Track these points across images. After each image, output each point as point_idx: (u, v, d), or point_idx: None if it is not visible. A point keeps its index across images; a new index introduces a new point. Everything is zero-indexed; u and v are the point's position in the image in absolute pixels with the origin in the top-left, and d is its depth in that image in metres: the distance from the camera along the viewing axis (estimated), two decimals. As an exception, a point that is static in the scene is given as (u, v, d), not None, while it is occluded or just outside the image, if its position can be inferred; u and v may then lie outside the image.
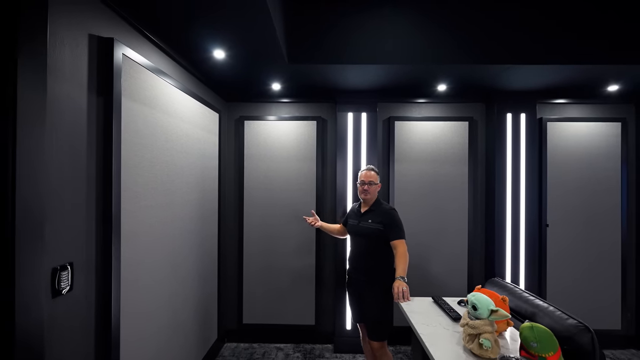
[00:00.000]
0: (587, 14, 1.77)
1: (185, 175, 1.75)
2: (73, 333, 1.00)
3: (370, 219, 1.74)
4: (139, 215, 1.30)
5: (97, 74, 1.09)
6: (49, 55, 0.89)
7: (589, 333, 1.04)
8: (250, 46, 1.56)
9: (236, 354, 2.31)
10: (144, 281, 1.35)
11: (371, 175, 1.80)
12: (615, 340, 2.38)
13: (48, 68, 0.89)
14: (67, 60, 0.96)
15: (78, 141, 1.01)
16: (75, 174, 1.00)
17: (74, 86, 0.99)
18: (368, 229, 1.73)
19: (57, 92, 0.93)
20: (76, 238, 1.00)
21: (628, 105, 2.43)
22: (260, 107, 2.51)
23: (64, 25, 0.95)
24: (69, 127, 0.98)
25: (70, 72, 0.98)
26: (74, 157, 1.00)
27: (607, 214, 2.39)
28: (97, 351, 1.09)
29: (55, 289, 0.92)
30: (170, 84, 1.55)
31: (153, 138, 1.41)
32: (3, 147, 0.78)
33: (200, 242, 1.96)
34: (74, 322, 1.00)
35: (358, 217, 1.82)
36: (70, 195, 0.98)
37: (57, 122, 0.93)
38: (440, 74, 1.99)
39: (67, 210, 0.97)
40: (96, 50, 1.08)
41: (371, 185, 1.78)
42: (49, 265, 0.90)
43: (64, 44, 0.95)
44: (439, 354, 0.93)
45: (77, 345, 1.01)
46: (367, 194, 1.78)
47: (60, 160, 0.94)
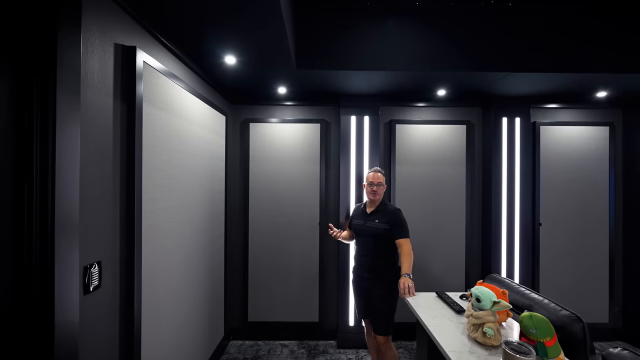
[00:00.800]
0: (579, 25, 1.88)
1: (197, 177, 1.80)
2: (100, 328, 1.05)
3: (377, 219, 1.80)
4: (157, 216, 1.35)
5: (121, 81, 1.14)
6: (81, 64, 0.94)
7: (581, 323, 1.13)
8: (262, 52, 1.62)
9: (242, 351, 2.36)
10: (161, 279, 1.40)
11: (379, 177, 1.85)
12: (603, 333, 2.51)
13: (81, 77, 0.94)
14: (96, 68, 1.01)
15: (105, 145, 1.06)
16: (103, 176, 1.05)
17: (102, 93, 1.05)
18: (375, 229, 1.79)
19: (89, 99, 0.98)
20: (104, 237, 1.06)
21: (616, 110, 2.57)
22: (264, 110, 2.56)
23: (94, 36, 1.00)
24: (98, 132, 1.03)
25: (98, 80, 1.03)
26: (102, 161, 1.05)
27: (596, 213, 2.52)
28: (120, 345, 1.14)
29: (86, 286, 0.97)
30: (182, 88, 1.60)
31: (169, 141, 1.46)
32: (44, 151, 0.83)
33: (210, 242, 2.01)
34: (102, 317, 1.05)
35: (364, 217, 1.87)
36: (99, 196, 1.03)
37: (88, 128, 0.98)
38: (440, 79, 2.08)
39: (96, 210, 1.02)
40: (120, 58, 1.14)
41: (379, 186, 1.83)
42: (81, 263, 0.95)
43: (94, 53, 1.00)
44: (446, 342, 1.01)
45: (103, 339, 1.06)
46: (376, 195, 1.83)
47: (90, 164, 0.99)
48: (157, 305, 1.36)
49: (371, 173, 1.88)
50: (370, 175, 1.87)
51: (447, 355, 0.95)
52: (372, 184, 1.84)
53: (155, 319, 1.34)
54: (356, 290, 1.90)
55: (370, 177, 1.86)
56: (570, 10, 1.87)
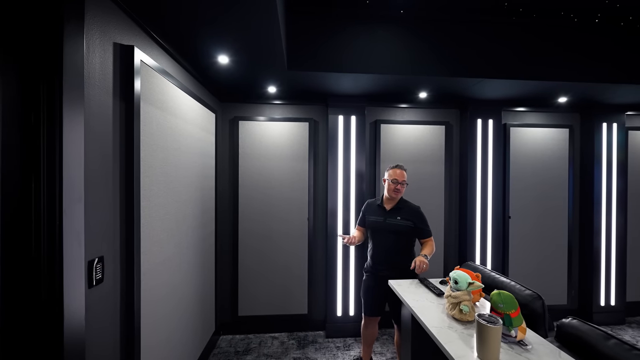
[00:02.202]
0: (545, 37, 2.08)
1: (190, 174, 1.82)
2: (103, 320, 1.08)
3: (399, 215, 1.78)
4: (154, 212, 1.38)
5: (120, 80, 1.16)
6: (84, 63, 0.96)
7: (540, 300, 1.31)
8: (256, 53, 1.67)
9: (233, 344, 2.42)
10: (158, 274, 1.43)
11: (404, 174, 1.80)
12: (561, 314, 2.81)
13: (84, 75, 0.96)
14: (97, 67, 1.03)
15: (107, 143, 1.09)
16: (105, 173, 1.08)
17: (103, 92, 1.07)
18: (398, 226, 1.76)
19: (91, 98, 1.00)
20: (106, 233, 1.08)
21: (575, 114, 2.86)
22: (254, 108, 2.60)
23: (95, 35, 1.02)
24: (100, 130, 1.05)
25: (99, 79, 1.05)
26: (104, 158, 1.07)
27: (557, 206, 2.80)
28: (122, 337, 1.18)
29: (90, 280, 1.00)
30: (176, 86, 1.62)
31: (164, 139, 1.48)
32: (52, 149, 0.86)
33: (202, 238, 2.04)
34: (105, 310, 1.08)
35: (383, 214, 1.83)
36: (101, 192, 1.06)
37: (90, 126, 1.00)
38: (421, 83, 2.22)
39: (99, 206, 1.04)
40: (119, 57, 1.15)
41: (403, 185, 1.79)
42: (86, 258, 0.98)
43: (95, 52, 1.02)
44: (428, 320, 1.14)
45: (106, 331, 1.09)
46: (399, 193, 1.79)
47: (93, 161, 1.01)
48: (154, 299, 1.39)
49: (397, 170, 1.80)
50: (397, 172, 1.80)
51: (429, 330, 1.08)
52: (396, 181, 1.78)
53: (152, 312, 1.37)
54: (373, 289, 1.86)
55: (396, 174, 1.79)
56: (536, 24, 2.07)
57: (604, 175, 2.74)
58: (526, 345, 0.99)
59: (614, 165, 2.75)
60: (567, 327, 1.14)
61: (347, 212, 2.51)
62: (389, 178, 1.83)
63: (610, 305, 2.75)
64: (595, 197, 2.73)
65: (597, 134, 2.74)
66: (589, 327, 1.07)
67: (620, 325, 2.75)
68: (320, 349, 2.34)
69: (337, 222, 2.51)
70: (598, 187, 2.73)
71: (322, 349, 2.35)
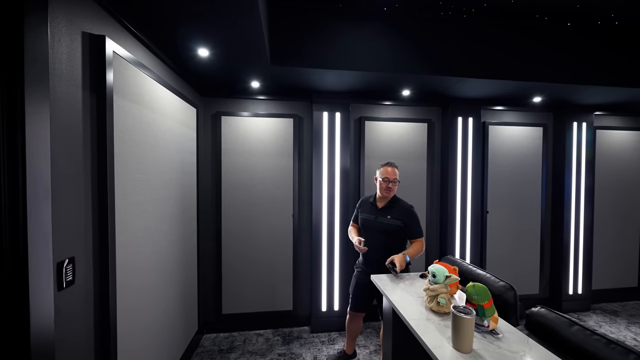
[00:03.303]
0: (520, 39, 2.16)
1: (169, 171, 1.77)
2: (75, 323, 1.03)
3: (389, 214, 1.76)
4: (130, 211, 1.33)
5: (90, 71, 1.10)
6: (49, 54, 0.91)
7: (512, 291, 1.38)
8: (237, 47, 1.63)
9: (217, 343, 2.39)
10: (135, 274, 1.39)
11: (396, 172, 1.76)
12: (534, 303, 2.96)
13: (49, 67, 0.90)
14: (64, 58, 0.98)
15: (76, 138, 1.03)
16: (74, 169, 1.02)
17: (71, 84, 1.01)
18: (388, 225, 1.74)
19: (57, 90, 0.95)
20: (77, 232, 1.03)
21: (548, 114, 3.00)
22: (236, 103, 2.55)
23: (61, 23, 0.96)
24: (68, 124, 1.00)
25: (67, 70, 0.99)
26: (73, 154, 1.02)
27: (531, 201, 2.94)
28: (96, 341, 1.14)
29: (61, 282, 0.96)
30: (153, 79, 1.56)
31: (141, 134, 1.43)
32: (13, 145, 0.81)
33: (183, 237, 2.00)
34: (76, 313, 1.04)
35: (374, 212, 1.81)
36: (71, 190, 1.01)
37: (57, 120, 0.95)
38: (405, 81, 2.25)
39: (69, 206, 0.99)
40: (89, 48, 1.09)
41: (395, 183, 1.75)
42: (54, 260, 0.93)
43: (61, 42, 0.96)
44: (407, 313, 1.18)
45: (79, 335, 1.05)
46: (390, 192, 1.76)
47: (60, 158, 0.96)
48: (131, 301, 1.35)
49: (388, 167, 1.76)
50: (388, 170, 1.76)
51: (408, 323, 1.12)
52: (387, 179, 1.74)
53: (130, 314, 1.33)
54: (360, 285, 1.86)
55: (388, 172, 1.75)
56: (513, 26, 2.14)
57: (573, 172, 2.90)
58: (498, 334, 1.04)
59: (583, 163, 2.91)
60: (536, 316, 1.21)
61: (331, 208, 2.53)
62: (380, 176, 1.79)
63: (577, 294, 2.94)
64: (565, 192, 2.89)
65: (568, 133, 2.89)
66: (555, 315, 1.14)
67: (586, 312, 2.95)
68: (305, 344, 2.36)
69: (322, 219, 2.52)
70: (568, 183, 2.89)
71: (307, 344, 2.37)
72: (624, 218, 3.15)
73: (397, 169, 1.81)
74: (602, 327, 2.66)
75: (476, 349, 0.95)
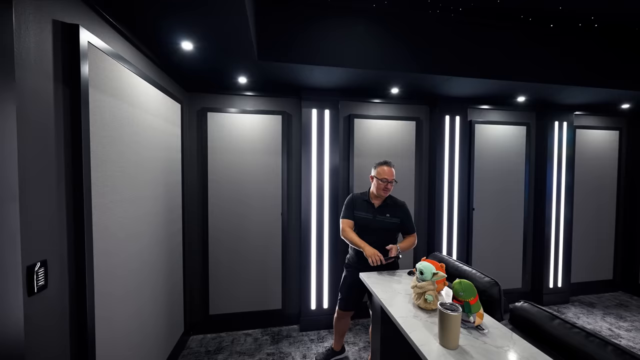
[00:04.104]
0: (506, 40, 2.20)
1: (151, 168, 1.70)
2: (49, 330, 0.98)
3: (388, 213, 1.78)
4: (109, 210, 1.27)
5: (62, 63, 1.03)
6: (14, 43, 0.84)
7: (497, 286, 1.41)
8: (223, 41, 1.58)
9: (204, 344, 2.34)
10: (116, 276, 1.33)
11: (393, 172, 1.76)
12: (517, 297, 3.07)
13: (14, 57, 0.84)
14: (32, 48, 0.91)
15: (47, 134, 0.97)
16: (45, 168, 0.96)
17: (40, 75, 0.94)
18: (387, 224, 1.76)
19: (24, 83, 0.88)
20: (50, 234, 0.98)
21: (531, 113, 3.08)
22: (223, 99, 2.49)
23: (28, 9, 0.89)
24: (38, 120, 0.93)
25: (36, 61, 0.92)
26: (44, 151, 0.96)
27: (514, 198, 3.02)
28: (72, 348, 1.08)
29: (31, 287, 0.90)
30: (134, 73, 1.49)
31: (120, 130, 1.36)
32: (-27, 141, 0.74)
33: (167, 236, 1.93)
34: (50, 319, 0.98)
35: (372, 211, 1.80)
36: (42, 190, 0.95)
37: (25, 115, 0.88)
38: (393, 78, 2.25)
39: (40, 206, 0.93)
40: (60, 38, 1.03)
41: (392, 183, 1.75)
42: (23, 263, 0.87)
43: (28, 30, 0.90)
44: (395, 310, 1.18)
45: (53, 342, 1.00)
46: (388, 192, 1.77)
47: (29, 155, 0.90)
48: (112, 303, 1.29)
49: (385, 167, 1.75)
50: (386, 170, 1.75)
51: (395, 320, 1.12)
52: (386, 180, 1.73)
53: (109, 318, 1.28)
54: (352, 285, 1.84)
55: (386, 172, 1.74)
56: (498, 26, 2.18)
57: (554, 170, 3.00)
58: (483, 329, 1.05)
59: (564, 161, 3.01)
60: (519, 310, 1.23)
61: (320, 206, 2.51)
62: (377, 176, 1.77)
63: (557, 287, 3.05)
64: (547, 190, 2.98)
65: (550, 132, 2.98)
66: (538, 309, 1.17)
67: (565, 304, 3.07)
68: (294, 343, 2.35)
69: (311, 217, 2.50)
70: (550, 180, 2.99)
71: (296, 342, 2.36)
72: (600, 214, 3.29)
73: (394, 168, 1.81)
74: (580, 318, 2.78)
75: (462, 345, 0.96)
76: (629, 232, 3.34)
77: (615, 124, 3.31)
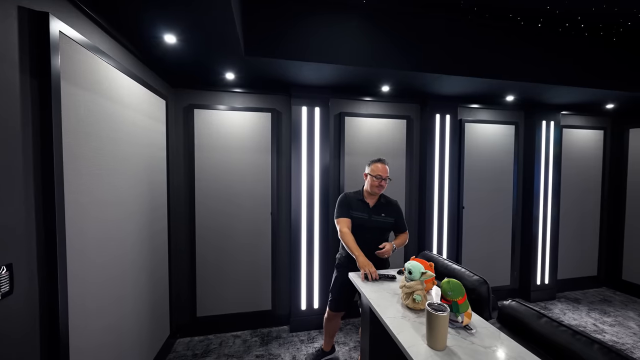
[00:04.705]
0: (496, 39, 2.20)
1: (133, 166, 1.64)
2: (15, 339, 0.92)
3: (383, 212, 1.78)
4: (85, 210, 1.21)
5: (29, 53, 0.97)
6: (-27, 29, 0.78)
7: (486, 284, 1.41)
8: (207, 35, 1.52)
9: (191, 347, 2.28)
10: (94, 279, 1.27)
11: (387, 169, 1.76)
12: (505, 294, 3.10)
13: (-27, 44, 0.78)
14: (-6, 35, 0.85)
15: (11, 129, 0.90)
16: (10, 165, 0.90)
17: (6, 66, 0.88)
18: (383, 223, 1.76)
19: (-15, 73, 0.82)
20: (16, 236, 0.91)
21: (520, 112, 3.11)
22: (211, 96, 2.42)
23: (-11, -5, 0.83)
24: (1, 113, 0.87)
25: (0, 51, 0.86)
26: (8, 147, 0.89)
27: (503, 196, 3.05)
28: (43, 356, 1.02)
29: (-6, 292, 0.84)
30: (114, 67, 1.42)
31: (98, 126, 1.30)
32: None
33: (151, 236, 1.87)
34: (16, 327, 0.92)
35: (367, 210, 1.78)
36: (6, 189, 0.88)
37: (-14, 107, 0.82)
38: (384, 76, 2.23)
39: (4, 206, 0.87)
40: (28, 26, 0.96)
41: (386, 180, 1.76)
42: (-15, 267, 0.81)
43: (-10, 16, 0.83)
44: (383, 311, 1.16)
45: (20, 353, 0.93)
46: (382, 189, 1.76)
47: (-8, 150, 0.84)
48: (88, 309, 1.23)
49: (379, 164, 1.75)
50: (379, 167, 1.75)
51: (383, 321, 1.10)
52: (380, 177, 1.73)
53: (85, 324, 1.22)
54: (344, 286, 1.82)
55: (380, 169, 1.75)
56: (487, 25, 2.18)
57: (542, 169, 3.04)
58: (471, 329, 1.04)
59: (551, 160, 3.06)
60: (507, 309, 1.23)
61: (311, 205, 2.48)
62: (372, 173, 1.76)
63: (544, 284, 3.10)
64: (535, 188, 3.02)
65: (537, 131, 3.01)
66: (525, 307, 1.17)
67: (552, 301, 3.12)
68: (284, 344, 2.31)
69: (302, 216, 2.47)
70: (537, 178, 3.03)
71: (286, 343, 2.32)
72: (585, 212, 3.36)
73: (387, 165, 1.81)
74: (566, 314, 2.83)
75: (450, 345, 0.94)
76: (612, 229, 3.42)
77: (600, 124, 3.38)
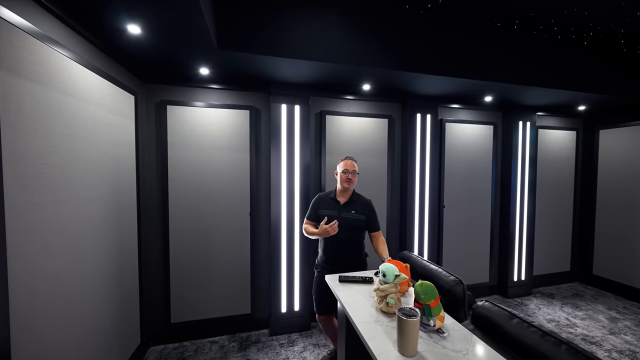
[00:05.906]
0: (474, 39, 2.22)
1: (94, 165, 1.52)
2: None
3: (353, 209, 1.77)
4: (33, 213, 1.10)
5: (-42, 39, 0.86)
6: None
7: (462, 285, 1.40)
8: (173, 27, 1.43)
9: (164, 355, 2.18)
10: (47, 288, 1.16)
11: (355, 165, 1.80)
12: (484, 290, 3.17)
13: None
14: None
15: None
16: None
17: None
18: (352, 220, 1.75)
19: None
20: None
21: (498, 113, 3.17)
22: (185, 92, 2.31)
23: None
24: None
25: None
26: None
27: (482, 195, 3.11)
28: (-21, 377, 0.92)
29: None
30: (70, 59, 1.31)
31: (48, 122, 1.19)
32: None
33: (116, 239, 1.75)
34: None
35: (337, 208, 1.79)
36: None
37: None
38: (364, 74, 2.20)
39: None
40: (-45, 8, 0.85)
41: (354, 174, 1.78)
42: None
43: None
44: (356, 316, 1.12)
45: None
46: (351, 183, 1.78)
47: None
48: (42, 322, 1.12)
49: (347, 161, 1.81)
50: (347, 162, 1.80)
51: (356, 327, 1.06)
52: (347, 171, 1.77)
53: (37, 337, 1.11)
54: (323, 287, 1.74)
55: (347, 164, 1.79)
56: (466, 25, 2.19)
57: (519, 168, 3.12)
58: (444, 332, 1.02)
59: (527, 159, 3.14)
60: (480, 309, 1.23)
61: (291, 205, 2.42)
62: (339, 169, 1.82)
63: (521, 280, 3.19)
64: (512, 186, 3.09)
65: (514, 131, 3.08)
66: (498, 308, 1.16)
67: (528, 296, 3.21)
68: (262, 349, 2.25)
69: (282, 216, 2.41)
70: (514, 178, 3.10)
71: (265, 348, 2.26)
72: (559, 210, 3.48)
73: (356, 162, 1.85)
74: (541, 309, 2.91)
75: (421, 351, 0.92)
76: (584, 226, 3.57)
77: (572, 125, 3.50)
